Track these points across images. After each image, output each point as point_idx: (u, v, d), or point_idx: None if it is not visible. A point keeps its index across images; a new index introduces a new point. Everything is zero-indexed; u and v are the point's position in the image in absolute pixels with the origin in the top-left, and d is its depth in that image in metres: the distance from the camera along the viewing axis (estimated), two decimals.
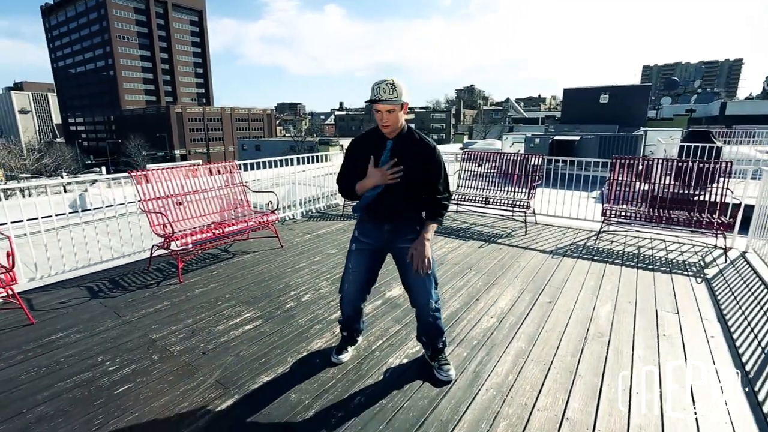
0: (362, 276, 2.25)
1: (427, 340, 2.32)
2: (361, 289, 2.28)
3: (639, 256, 4.33)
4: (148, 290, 3.47)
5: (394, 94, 1.96)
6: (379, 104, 1.98)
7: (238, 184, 4.90)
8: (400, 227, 2.16)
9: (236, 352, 2.52)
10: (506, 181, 6.01)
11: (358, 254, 2.24)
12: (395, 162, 2.04)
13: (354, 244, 2.26)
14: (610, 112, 14.26)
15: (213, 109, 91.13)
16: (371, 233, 2.20)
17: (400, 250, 2.17)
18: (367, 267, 2.24)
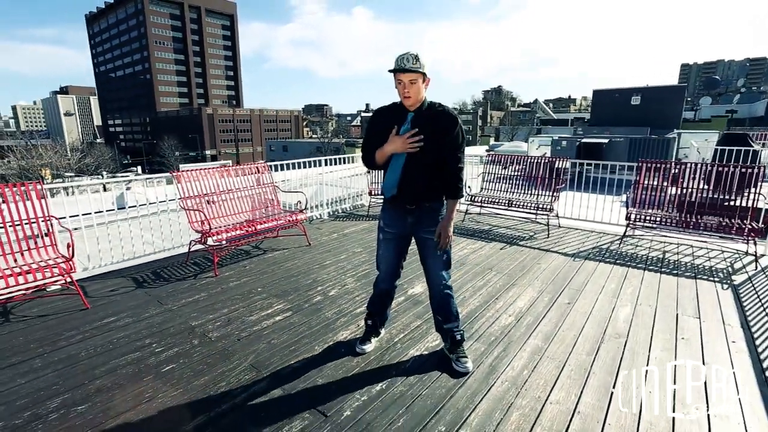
0: (393, 260, 2.43)
1: (441, 319, 2.44)
2: (392, 272, 2.47)
3: (663, 261, 4.30)
4: (187, 282, 3.74)
5: (417, 65, 2.02)
6: (401, 74, 2.04)
7: (268, 183, 5.16)
8: (422, 218, 2.28)
9: (268, 340, 2.73)
10: (530, 183, 6.04)
11: (386, 243, 2.41)
12: (416, 131, 2.10)
13: (381, 233, 2.41)
14: (642, 114, 13.90)
15: (242, 111, 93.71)
16: (395, 223, 2.33)
17: (422, 239, 2.33)
18: (395, 252, 2.41)
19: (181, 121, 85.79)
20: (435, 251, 2.28)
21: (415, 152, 2.15)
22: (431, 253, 2.33)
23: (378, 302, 2.60)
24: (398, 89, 2.12)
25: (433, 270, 2.37)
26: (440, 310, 2.44)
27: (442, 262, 2.35)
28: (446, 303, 2.41)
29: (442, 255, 2.32)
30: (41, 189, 3.40)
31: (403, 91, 2.09)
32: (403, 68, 2.03)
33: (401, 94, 2.12)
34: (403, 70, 2.04)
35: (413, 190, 2.22)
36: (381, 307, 2.61)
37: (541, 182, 5.90)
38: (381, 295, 2.57)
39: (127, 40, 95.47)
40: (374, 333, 2.67)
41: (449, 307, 2.42)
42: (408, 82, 2.06)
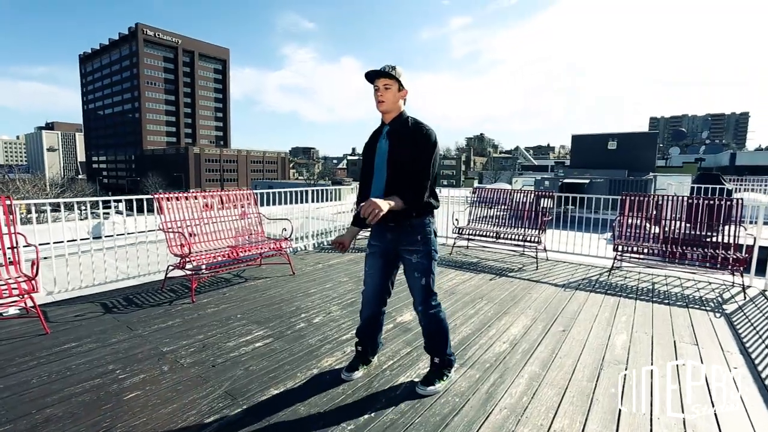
0: (378, 278, 2.28)
1: (426, 343, 2.33)
2: (377, 290, 2.30)
3: (654, 291, 4.25)
4: (161, 308, 3.49)
5: (392, 72, 2.05)
6: (375, 79, 2.07)
7: (253, 212, 5.03)
8: (401, 235, 2.19)
9: (246, 366, 2.50)
10: (517, 217, 6.06)
11: (372, 257, 2.31)
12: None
13: (369, 247, 2.33)
14: (619, 158, 14.44)
15: (230, 151, 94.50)
16: (378, 237, 2.27)
17: (403, 260, 2.24)
18: (381, 269, 2.28)
19: (167, 159, 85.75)
20: (413, 275, 2.21)
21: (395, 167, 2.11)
22: (409, 277, 2.25)
23: (366, 330, 2.42)
24: (375, 97, 2.12)
25: (412, 293, 2.28)
26: (425, 333, 2.33)
27: (421, 287, 2.21)
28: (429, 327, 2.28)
29: (420, 278, 2.19)
30: (9, 204, 3.20)
31: (377, 95, 2.09)
32: (377, 71, 2.06)
33: (376, 100, 2.11)
34: (376, 73, 2.06)
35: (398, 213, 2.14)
36: (371, 334, 2.43)
37: (528, 215, 5.93)
38: (369, 323, 2.39)
39: (119, 80, 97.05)
40: (363, 360, 2.47)
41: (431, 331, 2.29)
42: (382, 86, 2.07)
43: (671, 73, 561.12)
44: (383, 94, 2.08)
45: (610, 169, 13.42)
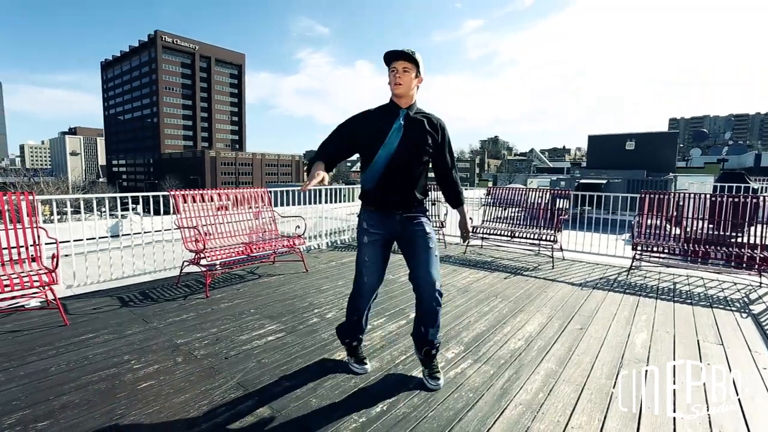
0: (379, 267, 2.22)
1: (424, 330, 2.18)
2: (377, 281, 2.24)
3: (675, 291, 4.12)
4: (176, 302, 3.53)
5: (411, 56, 2.00)
6: (395, 60, 2.00)
7: (267, 209, 5.06)
8: (410, 217, 2.17)
9: (259, 359, 2.50)
10: (532, 216, 5.97)
11: (372, 246, 2.18)
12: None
13: (365, 236, 2.19)
14: (637, 159, 14.16)
15: (245, 155, 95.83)
16: (382, 223, 2.16)
17: (413, 234, 2.16)
18: (381, 258, 2.21)
19: (183, 162, 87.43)
20: (427, 244, 2.13)
21: (406, 155, 2.07)
22: (422, 247, 2.14)
23: (359, 324, 2.34)
24: (390, 79, 2.05)
25: (424, 266, 2.11)
26: (428, 318, 2.17)
27: (435, 257, 2.14)
28: (436, 311, 2.17)
29: (434, 249, 2.15)
30: (32, 200, 3.28)
31: (395, 78, 2.02)
32: (398, 51, 1.99)
33: (392, 83, 2.04)
34: (397, 54, 1.99)
35: (400, 196, 2.13)
36: (359, 326, 2.36)
37: (543, 215, 5.83)
38: (363, 316, 2.32)
39: (138, 85, 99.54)
40: (359, 348, 2.44)
41: (437, 317, 2.18)
42: (401, 69, 2.01)
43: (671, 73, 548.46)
44: (401, 77, 2.01)
45: (628, 170, 13.16)
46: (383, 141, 2.05)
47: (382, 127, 2.07)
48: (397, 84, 2.02)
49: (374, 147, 2.07)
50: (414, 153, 2.08)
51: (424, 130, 2.11)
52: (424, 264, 2.12)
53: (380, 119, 2.09)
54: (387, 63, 2.05)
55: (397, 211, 2.15)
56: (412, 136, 2.07)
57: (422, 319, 2.19)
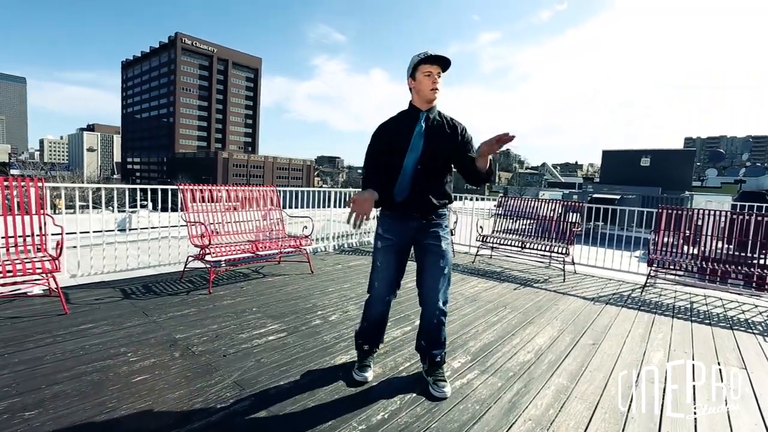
0: (392, 272, 2.14)
1: (426, 345, 2.16)
2: (391, 285, 2.17)
3: (692, 311, 3.96)
4: (178, 297, 3.48)
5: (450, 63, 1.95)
6: (433, 64, 1.93)
7: (275, 208, 5.02)
8: (428, 225, 2.10)
9: (258, 358, 2.42)
10: (544, 228, 5.83)
11: (386, 251, 2.13)
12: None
13: (379, 241, 2.16)
14: (652, 175, 13.92)
15: (257, 157, 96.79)
16: (396, 229, 2.11)
17: (425, 247, 2.10)
18: (396, 264, 2.14)
19: (196, 162, 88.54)
20: (438, 262, 2.07)
21: (429, 159, 2.03)
22: (432, 264, 2.08)
23: (375, 329, 2.29)
24: (422, 84, 1.99)
25: (431, 284, 2.08)
26: (429, 336, 2.15)
27: (443, 276, 2.09)
28: (438, 329, 2.13)
29: (444, 267, 2.08)
30: (41, 187, 3.27)
31: (432, 83, 1.97)
32: (440, 57, 1.93)
33: (427, 87, 1.98)
34: (438, 58, 1.93)
35: (425, 199, 2.05)
36: (378, 331, 2.31)
37: (555, 227, 5.69)
38: (377, 321, 2.26)
39: (156, 85, 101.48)
40: (370, 355, 2.34)
41: (440, 334, 2.14)
42: (437, 74, 1.97)
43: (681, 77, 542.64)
44: (438, 83, 1.98)
45: (642, 186, 12.93)
46: (408, 147, 2.02)
47: (405, 133, 2.04)
48: (434, 89, 1.98)
49: (401, 154, 2.02)
50: (436, 157, 2.03)
51: (444, 133, 2.07)
52: (432, 281, 2.08)
53: (402, 125, 2.06)
54: (420, 65, 1.97)
55: (413, 216, 2.08)
56: (434, 140, 2.03)
57: (424, 335, 2.18)
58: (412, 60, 2.01)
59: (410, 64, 2.03)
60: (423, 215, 2.09)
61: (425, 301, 2.11)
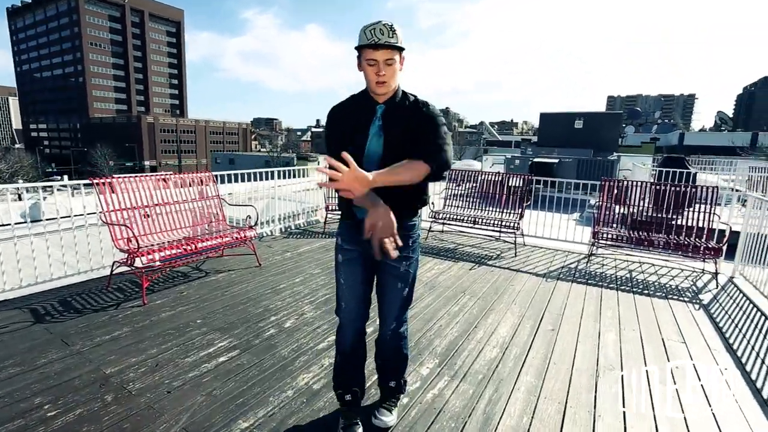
0: (359, 289, 1.79)
1: (382, 365, 1.96)
2: (360, 304, 1.81)
3: (632, 281, 4.22)
4: (106, 313, 3.03)
5: (394, 38, 1.50)
6: (373, 51, 1.51)
7: (212, 196, 4.53)
8: None
9: (208, 390, 2.16)
10: (495, 201, 5.89)
11: (348, 265, 1.78)
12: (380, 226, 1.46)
13: (340, 254, 1.79)
14: (585, 137, 14.64)
15: (187, 121, 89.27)
16: (356, 238, 1.69)
17: (384, 267, 1.77)
18: (362, 278, 1.78)
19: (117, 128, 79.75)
20: (395, 285, 1.78)
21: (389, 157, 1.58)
22: (390, 286, 1.79)
23: (349, 369, 1.88)
24: (367, 73, 1.56)
25: (385, 307, 1.83)
26: (383, 355, 1.92)
27: (402, 299, 1.81)
28: (394, 354, 1.90)
29: (403, 289, 1.79)
30: None
31: (378, 75, 1.54)
32: (377, 43, 1.49)
33: (372, 80, 1.56)
34: (376, 45, 1.50)
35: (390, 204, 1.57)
36: (355, 373, 1.90)
37: (506, 201, 5.77)
38: (354, 349, 1.86)
39: (57, 39, 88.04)
40: (356, 406, 1.89)
41: (396, 358, 1.92)
42: (383, 62, 1.52)
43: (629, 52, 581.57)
44: (386, 72, 1.54)
45: (576, 148, 13.59)
46: (365, 148, 1.62)
47: (360, 131, 1.64)
48: (381, 83, 1.56)
49: (358, 158, 1.53)
50: (399, 156, 1.57)
51: (407, 126, 1.63)
52: (387, 305, 1.82)
53: (355, 120, 1.65)
54: (362, 49, 1.55)
55: None
56: (395, 138, 1.62)
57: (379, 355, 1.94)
58: (359, 35, 1.55)
59: (358, 40, 1.56)
60: None
61: (380, 321, 1.88)
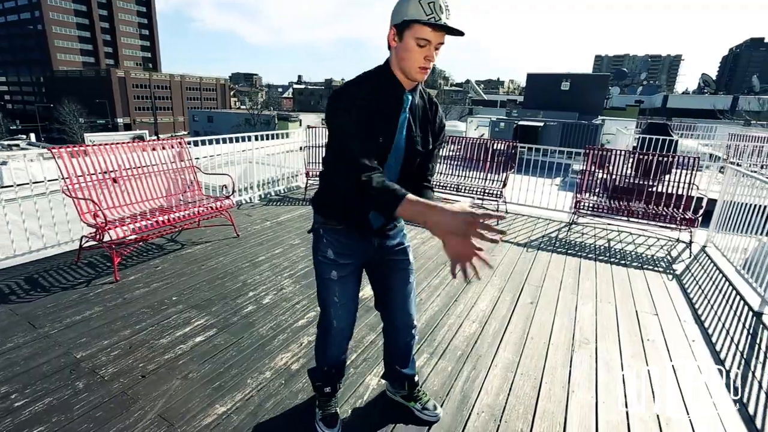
0: (352, 306, 1.65)
1: (401, 368, 1.83)
2: (352, 322, 1.68)
3: (611, 250, 4.29)
4: (76, 292, 2.92)
5: (452, 21, 1.21)
6: (432, 30, 1.21)
7: (186, 164, 4.32)
8: (391, 237, 1.63)
9: (184, 373, 2.12)
10: (479, 166, 5.83)
11: (344, 282, 1.58)
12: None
13: (333, 270, 1.56)
14: (571, 100, 14.51)
15: (161, 76, 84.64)
16: (354, 250, 1.57)
17: (391, 263, 1.65)
18: (355, 293, 1.64)
19: (85, 82, 75.08)
20: (408, 279, 1.67)
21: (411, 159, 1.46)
22: (402, 282, 1.66)
23: (335, 372, 1.78)
24: (411, 53, 1.26)
25: (402, 306, 1.69)
26: (405, 359, 1.83)
27: (414, 292, 1.71)
28: (411, 349, 1.81)
29: (413, 282, 1.69)
30: None
31: (426, 60, 1.27)
32: (440, 24, 1.19)
33: (416, 63, 1.27)
34: (438, 25, 1.19)
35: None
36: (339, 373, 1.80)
37: (490, 166, 5.70)
38: (339, 363, 1.76)
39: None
40: (334, 397, 1.84)
41: (411, 352, 1.83)
42: (436, 44, 1.25)
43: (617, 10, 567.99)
44: (433, 57, 1.27)
45: (562, 111, 13.49)
46: (392, 145, 1.40)
47: (387, 123, 1.38)
48: (425, 69, 1.29)
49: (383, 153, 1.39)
50: (416, 154, 1.47)
51: (428, 120, 1.48)
52: (404, 303, 1.69)
53: (384, 109, 1.36)
54: (415, 24, 1.21)
55: (377, 232, 1.57)
56: (418, 133, 1.44)
57: (399, 359, 1.83)
58: (408, 3, 1.21)
59: (399, 9, 1.25)
60: (388, 229, 1.60)
61: (396, 324, 1.74)
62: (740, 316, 3.01)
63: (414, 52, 1.25)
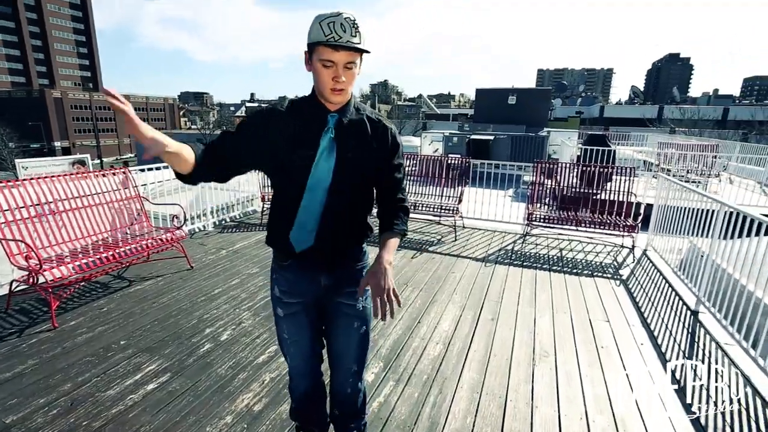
0: (306, 346, 1.53)
1: (340, 415, 1.67)
2: (309, 360, 1.56)
3: (563, 260, 4.50)
4: (5, 344, 2.65)
5: (357, 37, 1.19)
6: (333, 51, 1.19)
7: (132, 192, 4.09)
8: (342, 277, 1.48)
9: (136, 426, 1.96)
10: (435, 183, 5.96)
11: (293, 318, 1.49)
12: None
13: (279, 308, 1.49)
14: (518, 113, 15.26)
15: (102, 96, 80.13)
16: (300, 288, 1.47)
17: (337, 308, 1.50)
18: (309, 330, 1.52)
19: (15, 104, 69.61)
20: (352, 324, 1.51)
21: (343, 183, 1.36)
22: (347, 330, 1.52)
23: (308, 411, 1.68)
24: (320, 76, 1.24)
25: (345, 355, 1.56)
26: (342, 406, 1.66)
27: (360, 339, 1.54)
28: (354, 398, 1.64)
29: (359, 327, 1.52)
30: None
31: (335, 80, 1.23)
32: (340, 44, 1.17)
33: (327, 85, 1.25)
34: (336, 45, 1.18)
35: (337, 236, 1.41)
36: (315, 413, 1.70)
37: (446, 182, 5.84)
38: (309, 395, 1.62)
39: None
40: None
41: (356, 403, 1.66)
42: (344, 65, 1.22)
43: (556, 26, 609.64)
44: (345, 78, 1.23)
45: (510, 124, 14.14)
46: (311, 168, 1.34)
47: (308, 142, 1.33)
48: (338, 90, 1.26)
49: (301, 179, 1.34)
50: (355, 179, 1.39)
51: (366, 140, 1.38)
52: (344, 348, 1.55)
53: (303, 129, 1.33)
54: (317, 46, 1.21)
55: (322, 268, 1.45)
56: (351, 153, 1.36)
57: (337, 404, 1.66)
58: (311, 26, 1.21)
59: (308, 33, 1.23)
60: (334, 264, 1.47)
61: (336, 374, 1.60)
62: (680, 316, 3.24)
63: (322, 74, 1.24)
